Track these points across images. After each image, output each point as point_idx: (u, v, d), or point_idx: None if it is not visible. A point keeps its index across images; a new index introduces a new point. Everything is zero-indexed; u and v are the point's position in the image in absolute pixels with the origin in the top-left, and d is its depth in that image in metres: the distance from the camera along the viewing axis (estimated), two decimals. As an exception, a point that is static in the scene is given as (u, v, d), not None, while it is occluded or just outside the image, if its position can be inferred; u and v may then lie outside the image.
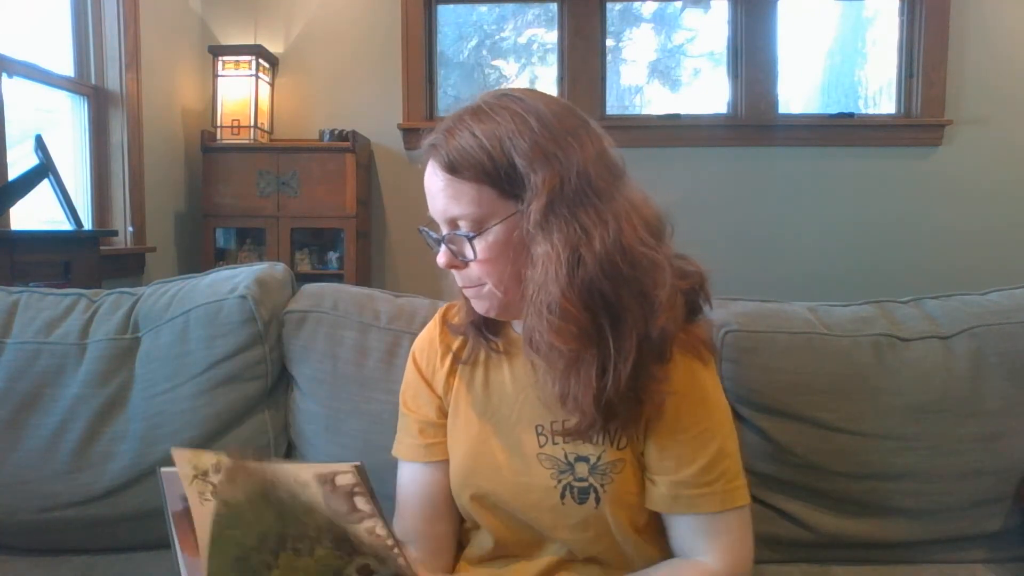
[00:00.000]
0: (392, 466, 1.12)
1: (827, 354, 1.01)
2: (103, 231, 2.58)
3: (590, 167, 0.69)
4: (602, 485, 0.73)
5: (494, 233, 0.70)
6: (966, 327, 1.04)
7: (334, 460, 0.75)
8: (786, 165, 3.25)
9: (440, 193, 0.71)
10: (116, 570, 1.05)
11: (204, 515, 0.59)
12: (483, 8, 3.48)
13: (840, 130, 3.24)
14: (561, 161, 0.67)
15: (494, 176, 0.68)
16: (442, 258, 0.74)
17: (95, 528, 0.59)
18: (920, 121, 3.19)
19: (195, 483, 0.61)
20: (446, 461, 0.83)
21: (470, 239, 0.71)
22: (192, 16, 3.22)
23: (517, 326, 0.80)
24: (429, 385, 0.86)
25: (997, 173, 3.20)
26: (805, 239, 3.26)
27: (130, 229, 2.74)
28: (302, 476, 0.60)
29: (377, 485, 1.18)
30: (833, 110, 3.30)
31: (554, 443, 0.76)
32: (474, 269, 0.73)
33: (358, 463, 0.63)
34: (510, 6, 3.46)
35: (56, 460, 1.07)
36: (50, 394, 1.08)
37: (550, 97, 0.73)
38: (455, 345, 0.85)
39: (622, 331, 0.68)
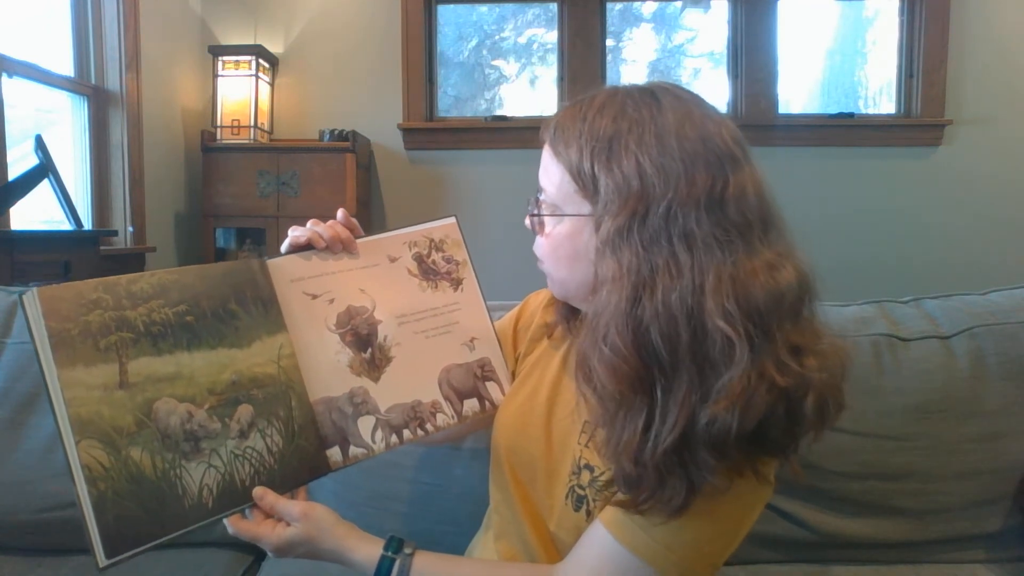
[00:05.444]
0: (392, 466, 1.11)
1: (827, 354, 1.01)
2: (103, 231, 2.58)
3: (687, 210, 0.61)
4: (594, 500, 0.70)
5: (562, 223, 0.69)
6: (966, 327, 1.04)
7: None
8: (786, 165, 3.24)
9: (542, 159, 0.72)
10: (116, 570, 1.05)
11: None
12: (483, 8, 3.47)
13: (840, 130, 3.24)
14: (654, 189, 0.61)
15: (578, 171, 0.66)
16: (526, 219, 0.75)
17: (95, 528, 0.60)
18: (920, 121, 3.19)
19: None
20: None
21: (538, 215, 0.72)
22: (192, 16, 3.22)
23: None
24: (515, 337, 0.90)
25: (997, 173, 3.20)
26: (805, 239, 3.21)
27: (130, 229, 2.74)
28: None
29: (377, 485, 1.18)
30: (833, 110, 3.30)
31: (587, 446, 0.73)
32: (540, 244, 0.74)
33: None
34: (510, 6, 3.45)
35: (56, 460, 1.07)
36: (50, 394, 1.08)
37: (701, 117, 0.67)
38: (552, 319, 0.86)
39: (673, 395, 0.59)
